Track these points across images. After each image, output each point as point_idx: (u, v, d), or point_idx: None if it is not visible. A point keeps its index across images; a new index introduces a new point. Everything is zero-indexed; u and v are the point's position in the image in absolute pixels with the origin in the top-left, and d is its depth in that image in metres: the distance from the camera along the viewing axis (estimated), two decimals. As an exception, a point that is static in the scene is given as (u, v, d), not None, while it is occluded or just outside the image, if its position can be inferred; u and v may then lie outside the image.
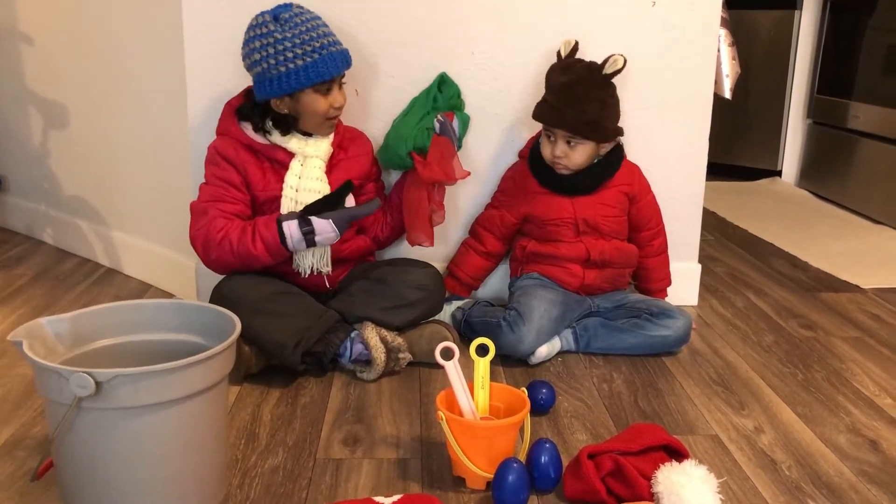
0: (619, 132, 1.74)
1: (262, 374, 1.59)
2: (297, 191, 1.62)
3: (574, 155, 1.71)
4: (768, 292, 2.19)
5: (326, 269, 1.64)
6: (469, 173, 1.74)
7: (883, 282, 2.28)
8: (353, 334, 1.61)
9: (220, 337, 1.13)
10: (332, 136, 1.68)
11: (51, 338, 1.14)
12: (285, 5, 1.60)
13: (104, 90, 2.13)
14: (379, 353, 1.58)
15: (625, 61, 1.68)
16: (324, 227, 1.54)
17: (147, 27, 1.94)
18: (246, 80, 1.81)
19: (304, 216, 1.56)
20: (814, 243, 2.67)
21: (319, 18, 1.61)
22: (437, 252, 1.95)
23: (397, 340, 1.60)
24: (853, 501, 1.23)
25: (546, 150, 1.73)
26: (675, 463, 1.17)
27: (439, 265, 1.90)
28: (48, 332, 1.14)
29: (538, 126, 1.83)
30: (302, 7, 1.60)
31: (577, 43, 1.75)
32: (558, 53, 1.77)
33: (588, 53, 1.75)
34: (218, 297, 1.56)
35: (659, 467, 1.17)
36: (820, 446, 1.38)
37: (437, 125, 1.70)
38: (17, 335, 1.07)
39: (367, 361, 1.60)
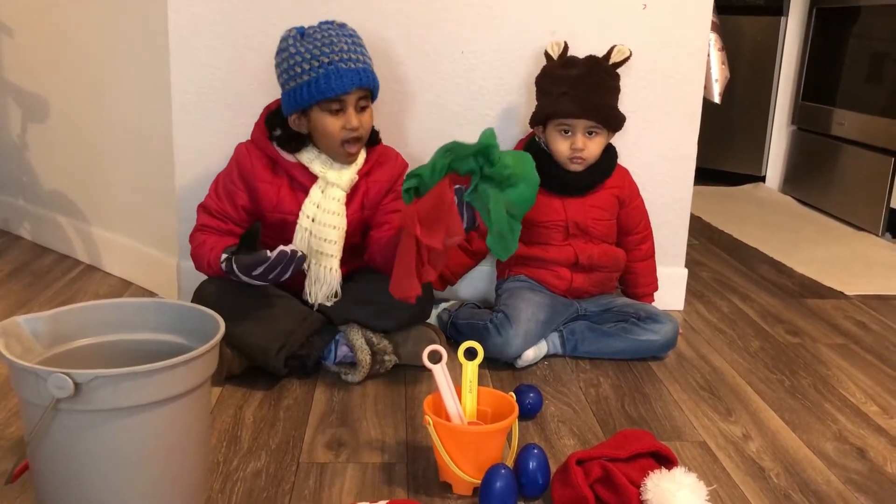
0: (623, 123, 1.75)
1: (244, 375, 1.56)
2: (313, 221, 1.56)
3: (592, 146, 1.70)
4: (754, 298, 2.19)
5: (334, 300, 1.61)
6: (442, 248, 1.33)
7: (866, 289, 2.29)
8: (337, 336, 1.58)
9: (202, 338, 1.10)
10: (359, 163, 1.60)
11: (28, 336, 1.10)
12: (326, 21, 1.54)
13: (86, 83, 2.10)
14: (364, 356, 1.55)
15: (630, 51, 1.69)
16: (239, 271, 1.46)
17: (131, 20, 1.91)
18: (230, 75, 1.79)
19: (233, 254, 1.50)
20: (798, 249, 2.67)
21: (349, 35, 1.52)
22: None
23: (383, 343, 1.58)
24: (841, 510, 1.22)
25: (562, 146, 1.71)
26: (664, 470, 1.16)
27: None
28: (25, 331, 1.10)
29: (527, 127, 1.82)
30: (336, 23, 1.54)
31: (566, 43, 1.75)
32: (548, 55, 1.76)
33: (578, 55, 1.74)
34: (200, 298, 1.52)
35: (647, 474, 1.16)
36: (807, 454, 1.38)
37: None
38: (-7, 334, 1.04)
39: (352, 363, 1.58)
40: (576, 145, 1.69)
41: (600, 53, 1.73)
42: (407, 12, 1.81)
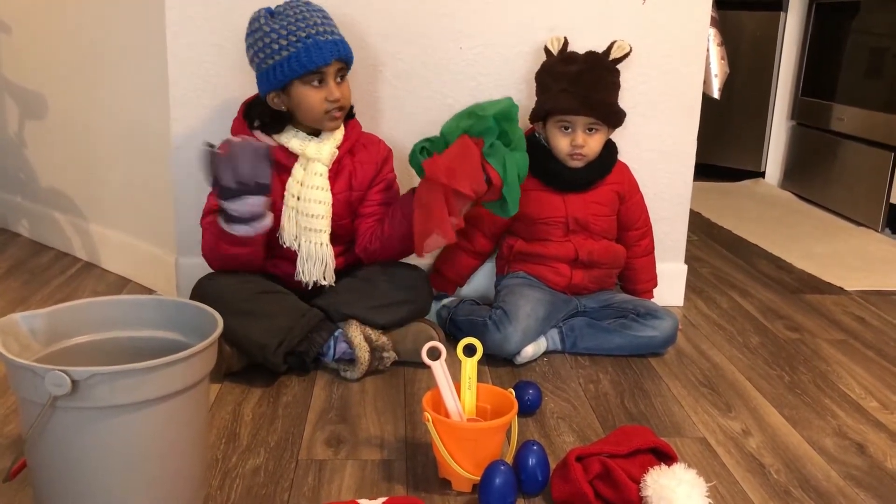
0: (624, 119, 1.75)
1: (243, 372, 1.56)
2: (298, 199, 1.58)
3: (592, 143, 1.70)
4: (753, 293, 2.19)
5: (330, 281, 1.61)
6: (473, 195, 1.49)
7: (866, 284, 2.29)
8: (336, 333, 1.58)
9: (201, 334, 1.10)
10: (337, 137, 1.62)
11: (25, 334, 1.10)
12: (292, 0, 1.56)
13: (83, 80, 2.09)
14: (363, 352, 1.55)
15: (630, 47, 1.69)
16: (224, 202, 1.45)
17: (129, 17, 1.90)
18: (228, 71, 1.79)
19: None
20: (797, 245, 2.67)
21: (318, 10, 1.56)
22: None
23: (382, 339, 1.58)
24: (841, 506, 1.22)
25: (562, 143, 1.70)
26: (663, 466, 1.16)
27: (423, 262, 1.88)
28: (22, 328, 1.10)
29: (526, 123, 1.81)
30: (303, 0, 1.56)
31: (566, 39, 1.74)
32: (548, 51, 1.75)
33: (578, 50, 1.73)
34: (199, 295, 1.52)
35: (647, 470, 1.15)
36: (807, 450, 1.38)
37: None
38: (-9, 331, 1.04)
39: (351, 360, 1.57)
40: (576, 142, 1.69)
41: (600, 49, 1.72)
42: (405, 7, 1.80)
